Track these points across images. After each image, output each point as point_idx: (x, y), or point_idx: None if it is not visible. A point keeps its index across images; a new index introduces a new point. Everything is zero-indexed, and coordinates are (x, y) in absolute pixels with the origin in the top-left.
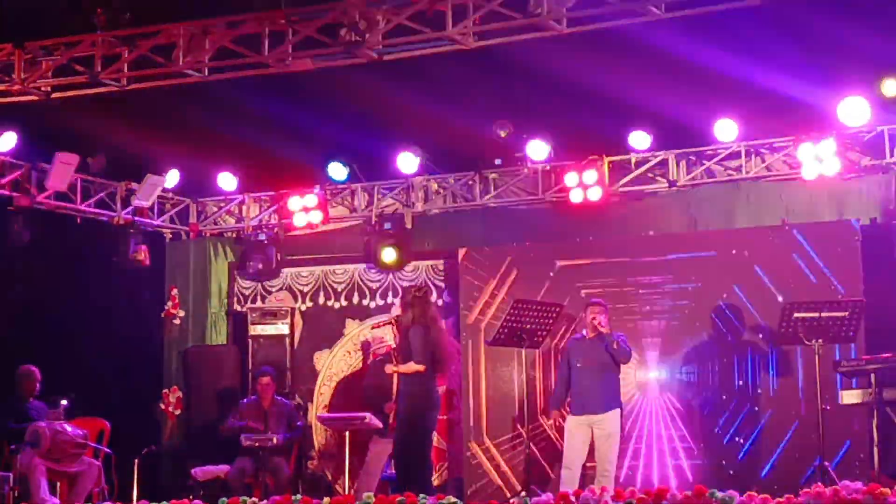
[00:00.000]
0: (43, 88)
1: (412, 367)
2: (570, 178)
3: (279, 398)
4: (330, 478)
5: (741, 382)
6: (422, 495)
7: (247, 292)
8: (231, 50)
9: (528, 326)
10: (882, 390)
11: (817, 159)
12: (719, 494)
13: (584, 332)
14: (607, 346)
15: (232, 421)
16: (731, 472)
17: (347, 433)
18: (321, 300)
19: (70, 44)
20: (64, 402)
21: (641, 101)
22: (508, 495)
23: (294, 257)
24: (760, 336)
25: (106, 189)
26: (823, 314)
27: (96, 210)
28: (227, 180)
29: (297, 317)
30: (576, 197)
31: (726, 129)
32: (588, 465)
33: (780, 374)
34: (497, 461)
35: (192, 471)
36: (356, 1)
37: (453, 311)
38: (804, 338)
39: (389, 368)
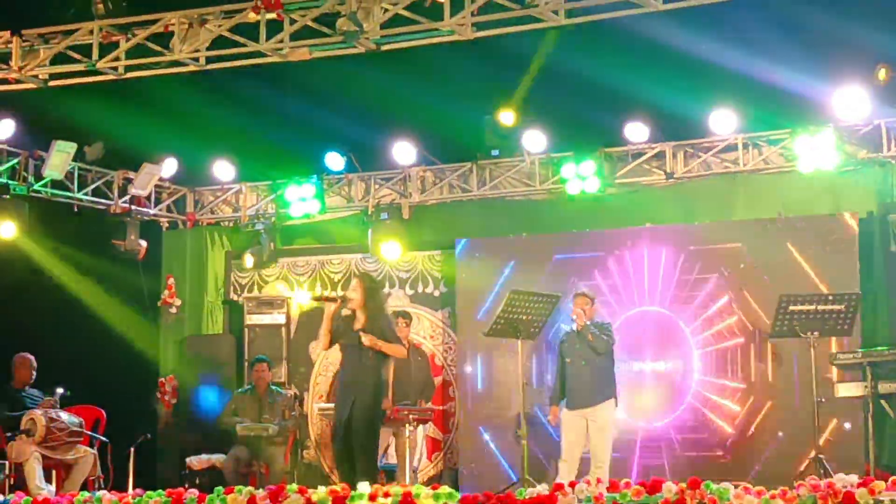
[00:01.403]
0: (40, 76)
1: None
2: (568, 170)
3: (275, 387)
4: (326, 468)
5: (738, 373)
6: (416, 485)
7: (243, 282)
8: (228, 39)
9: (525, 317)
10: (877, 383)
11: (814, 152)
12: (714, 487)
13: (573, 325)
14: (586, 338)
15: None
16: (727, 463)
17: None
18: (318, 290)
19: (67, 32)
20: (60, 390)
21: (639, 93)
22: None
23: (291, 247)
24: (756, 327)
25: (103, 177)
26: (819, 307)
27: (93, 198)
28: (224, 169)
29: (294, 306)
30: (573, 188)
31: (723, 121)
32: None
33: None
34: (493, 451)
35: (188, 459)
36: None
37: (449, 302)
38: (799, 330)
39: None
